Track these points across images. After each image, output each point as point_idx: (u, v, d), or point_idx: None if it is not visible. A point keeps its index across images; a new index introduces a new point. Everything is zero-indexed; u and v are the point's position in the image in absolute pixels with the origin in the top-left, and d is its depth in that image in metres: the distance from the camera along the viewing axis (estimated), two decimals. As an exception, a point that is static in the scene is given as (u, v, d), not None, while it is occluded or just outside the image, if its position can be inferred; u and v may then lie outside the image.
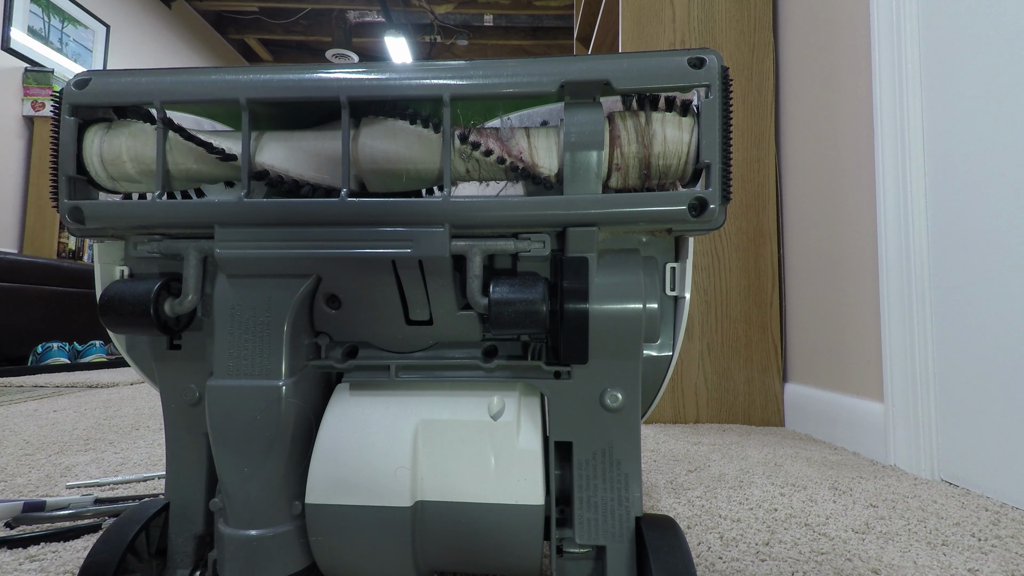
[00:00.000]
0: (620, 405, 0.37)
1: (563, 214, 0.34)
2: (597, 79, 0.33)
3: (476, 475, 0.38)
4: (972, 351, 0.84)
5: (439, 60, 0.33)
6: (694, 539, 0.60)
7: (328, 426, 0.39)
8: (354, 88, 0.33)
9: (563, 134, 0.34)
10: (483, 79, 0.33)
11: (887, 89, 0.99)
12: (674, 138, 0.34)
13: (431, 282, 0.36)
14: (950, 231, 0.89)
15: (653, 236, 0.38)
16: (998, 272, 0.79)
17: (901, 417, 0.95)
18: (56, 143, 0.36)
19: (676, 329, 0.39)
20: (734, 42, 1.41)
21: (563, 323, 0.35)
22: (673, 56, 0.33)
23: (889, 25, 0.99)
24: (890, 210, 0.98)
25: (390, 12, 3.65)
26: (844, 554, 0.57)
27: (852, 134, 1.12)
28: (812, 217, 1.27)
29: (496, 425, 0.38)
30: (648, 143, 0.34)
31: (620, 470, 0.38)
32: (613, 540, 0.38)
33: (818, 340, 1.25)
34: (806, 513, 0.69)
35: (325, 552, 0.39)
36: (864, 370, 1.08)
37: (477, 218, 0.34)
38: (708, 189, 0.34)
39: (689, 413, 1.37)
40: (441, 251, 0.33)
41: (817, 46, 1.26)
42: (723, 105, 0.33)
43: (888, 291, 0.99)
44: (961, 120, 0.87)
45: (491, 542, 0.38)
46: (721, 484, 0.82)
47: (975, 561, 0.56)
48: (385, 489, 0.37)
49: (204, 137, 0.37)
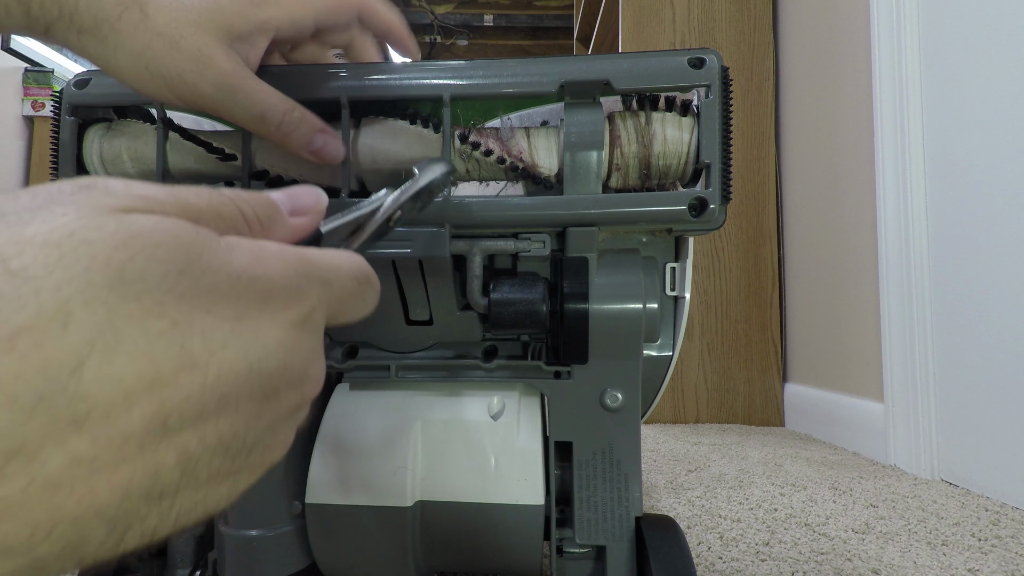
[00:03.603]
0: (620, 405, 0.37)
1: (563, 214, 0.34)
2: (597, 79, 0.33)
3: (476, 475, 0.38)
4: (972, 351, 0.84)
5: (439, 60, 0.33)
6: (694, 539, 0.60)
7: (328, 426, 0.39)
8: (354, 88, 0.33)
9: (563, 134, 0.34)
10: (483, 79, 0.33)
11: (887, 89, 0.99)
12: (674, 138, 0.34)
13: (431, 282, 0.36)
14: (950, 231, 0.89)
15: (653, 236, 0.38)
16: (998, 272, 0.79)
17: (901, 417, 0.95)
18: (56, 143, 0.36)
19: (676, 329, 0.39)
20: (734, 42, 1.41)
21: (563, 323, 0.35)
22: (673, 56, 0.33)
23: (889, 25, 0.99)
24: (890, 210, 0.98)
25: (390, 12, 3.65)
26: (844, 554, 0.57)
27: (852, 134, 1.12)
28: (812, 217, 1.27)
29: (496, 425, 0.38)
30: (648, 143, 0.34)
31: (620, 470, 0.38)
32: (613, 540, 0.38)
33: (818, 340, 1.25)
34: (806, 513, 0.69)
35: (325, 552, 0.39)
36: (864, 370, 1.08)
37: (477, 218, 0.34)
38: (708, 189, 0.34)
39: (689, 413, 1.37)
40: (441, 251, 0.33)
41: (817, 46, 1.26)
42: (723, 105, 0.33)
43: (888, 291, 0.99)
44: (961, 120, 0.87)
45: (491, 542, 0.38)
46: (721, 484, 0.82)
47: (975, 561, 0.56)
48: (385, 489, 0.37)
49: (204, 137, 0.37)
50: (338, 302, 0.18)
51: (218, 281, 0.14)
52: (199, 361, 0.13)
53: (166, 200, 0.15)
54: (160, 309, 0.13)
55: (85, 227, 0.12)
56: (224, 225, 0.16)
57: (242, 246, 0.15)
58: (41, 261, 0.12)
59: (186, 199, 0.15)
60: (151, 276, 0.13)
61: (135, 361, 0.12)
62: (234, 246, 0.15)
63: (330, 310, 0.18)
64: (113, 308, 0.12)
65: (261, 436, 0.16)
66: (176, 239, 0.13)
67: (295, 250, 0.17)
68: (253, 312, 0.15)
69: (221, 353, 0.14)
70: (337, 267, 0.18)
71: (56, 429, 0.11)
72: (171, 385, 0.13)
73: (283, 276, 0.16)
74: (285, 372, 0.16)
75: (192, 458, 0.14)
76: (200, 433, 0.14)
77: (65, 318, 0.11)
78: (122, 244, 0.12)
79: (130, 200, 0.14)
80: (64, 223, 0.12)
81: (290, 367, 0.16)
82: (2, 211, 0.12)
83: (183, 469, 0.14)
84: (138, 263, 0.13)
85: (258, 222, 0.17)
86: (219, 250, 0.14)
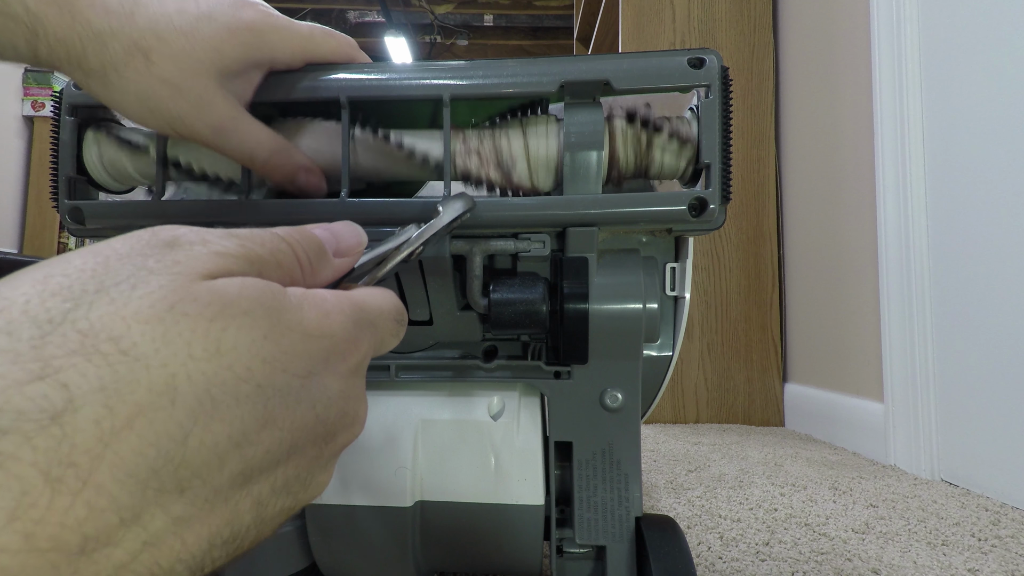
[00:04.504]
0: (620, 405, 0.37)
1: (563, 214, 0.34)
2: (597, 79, 0.33)
3: (476, 475, 0.38)
4: (972, 351, 0.84)
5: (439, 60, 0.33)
6: (694, 539, 0.60)
7: (328, 426, 0.39)
8: (354, 88, 0.33)
9: (563, 134, 0.34)
10: (483, 79, 0.33)
11: (887, 89, 0.99)
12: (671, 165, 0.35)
13: (431, 282, 0.36)
14: (950, 231, 0.89)
15: (653, 236, 0.38)
16: (998, 272, 0.79)
17: (901, 417, 0.95)
18: (56, 143, 0.36)
19: (676, 329, 0.39)
20: (734, 42, 1.41)
21: (563, 323, 0.35)
22: (673, 56, 0.33)
23: (889, 25, 0.99)
24: (890, 210, 0.98)
25: (390, 12, 3.65)
26: (844, 554, 0.57)
27: (852, 134, 1.12)
28: (812, 217, 1.27)
29: (496, 425, 0.38)
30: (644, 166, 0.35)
31: (620, 470, 0.38)
32: (613, 540, 0.38)
33: (818, 340, 1.25)
34: (806, 513, 0.69)
35: (325, 552, 0.39)
36: (864, 370, 1.08)
37: (477, 218, 0.34)
38: (708, 189, 0.34)
39: (689, 413, 1.37)
40: (441, 251, 0.33)
41: (817, 46, 1.26)
42: (723, 105, 0.33)
43: (888, 291, 0.99)
44: (961, 120, 0.87)
45: (491, 542, 0.38)
46: (721, 484, 0.82)
47: (975, 561, 0.56)
48: (385, 489, 0.37)
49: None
50: (381, 342, 0.20)
51: (294, 343, 0.15)
52: (277, 418, 0.14)
53: (238, 254, 0.15)
54: (248, 374, 0.14)
55: (182, 300, 0.13)
56: (283, 272, 0.17)
57: (309, 302, 0.16)
58: (148, 338, 0.12)
59: (252, 250, 0.16)
60: (242, 345, 0.14)
61: (228, 425, 0.13)
62: (303, 303, 0.16)
63: (375, 351, 0.19)
64: (211, 378, 0.13)
65: (316, 473, 0.17)
66: (261, 306, 0.15)
67: (350, 299, 0.18)
68: (320, 367, 0.16)
69: (294, 408, 0.15)
70: (382, 310, 0.19)
71: (162, 495, 0.12)
72: (254, 443, 0.14)
73: (344, 330, 0.17)
74: (343, 417, 0.17)
75: (263, 503, 0.15)
76: (271, 480, 0.15)
77: (172, 394, 0.12)
78: (217, 316, 0.13)
79: (211, 261, 0.15)
80: (162, 297, 0.13)
81: (346, 412, 0.17)
82: (102, 284, 0.13)
83: (255, 514, 0.15)
84: (231, 334, 0.14)
85: (309, 265, 0.18)
86: (292, 308, 0.15)
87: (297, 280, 0.18)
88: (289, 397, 0.15)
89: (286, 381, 0.15)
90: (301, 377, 0.15)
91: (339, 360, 0.17)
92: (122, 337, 0.12)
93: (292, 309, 0.15)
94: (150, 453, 0.12)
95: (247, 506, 0.14)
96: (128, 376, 0.12)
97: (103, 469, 0.11)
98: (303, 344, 0.15)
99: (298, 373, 0.15)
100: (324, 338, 0.16)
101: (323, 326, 0.16)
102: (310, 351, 0.15)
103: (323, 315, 0.16)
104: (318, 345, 0.16)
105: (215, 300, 0.14)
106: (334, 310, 0.17)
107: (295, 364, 0.15)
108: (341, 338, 0.17)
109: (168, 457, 0.12)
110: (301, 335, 0.15)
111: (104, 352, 0.12)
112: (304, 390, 0.15)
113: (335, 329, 0.16)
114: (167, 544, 0.12)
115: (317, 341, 0.16)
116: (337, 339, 0.17)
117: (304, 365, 0.15)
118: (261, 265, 0.16)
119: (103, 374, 0.12)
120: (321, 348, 0.16)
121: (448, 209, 0.27)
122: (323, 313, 0.16)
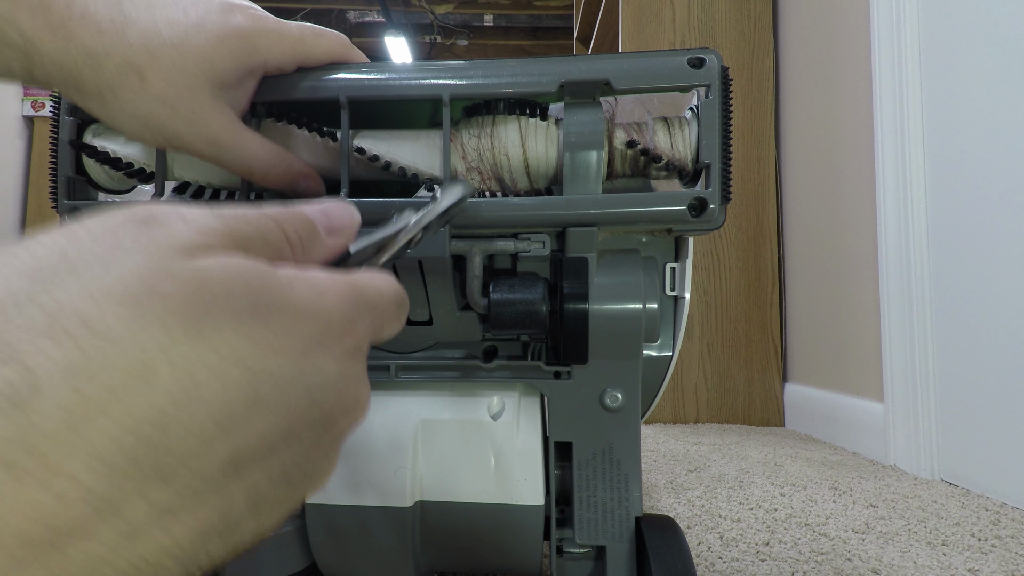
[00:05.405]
0: (620, 405, 0.37)
1: (563, 214, 0.34)
2: (597, 79, 0.33)
3: (476, 475, 0.38)
4: (972, 351, 0.84)
5: (439, 60, 0.33)
6: (694, 539, 0.60)
7: (328, 426, 0.39)
8: (354, 88, 0.33)
9: (562, 134, 0.34)
10: (483, 79, 0.33)
11: (887, 89, 0.99)
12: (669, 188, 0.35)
13: (431, 282, 0.36)
14: (950, 231, 0.89)
15: (653, 236, 0.38)
16: (998, 272, 0.79)
17: (901, 417, 0.95)
18: (56, 143, 0.36)
19: (676, 329, 0.39)
20: (734, 42, 1.41)
21: (563, 323, 0.35)
22: (673, 56, 0.33)
23: (889, 25, 0.99)
24: (890, 210, 0.98)
25: (390, 12, 3.64)
26: (844, 554, 0.57)
27: (852, 134, 1.12)
28: (812, 217, 1.27)
29: (496, 425, 0.38)
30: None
31: (620, 470, 0.38)
32: (613, 540, 0.38)
33: (818, 340, 1.25)
34: (806, 513, 0.69)
35: (325, 552, 0.39)
36: (864, 370, 1.08)
37: (477, 218, 0.34)
38: (708, 189, 0.34)
39: (689, 413, 1.37)
40: (441, 251, 0.33)
41: (817, 46, 1.26)
42: (723, 105, 0.33)
43: (888, 291, 0.99)
44: (961, 120, 0.87)
45: (491, 542, 0.38)
46: (721, 484, 0.82)
47: (975, 561, 0.56)
48: (385, 489, 0.37)
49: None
50: (380, 326, 0.19)
51: (284, 322, 0.14)
52: (268, 401, 0.14)
53: (220, 231, 0.15)
54: (233, 355, 0.13)
55: (160, 279, 0.12)
56: (271, 251, 0.16)
57: (300, 281, 0.15)
58: (123, 319, 0.12)
59: (236, 228, 0.15)
60: (226, 325, 0.13)
61: (213, 409, 0.12)
62: (293, 281, 0.15)
63: (374, 335, 0.18)
64: (193, 360, 0.12)
65: (317, 462, 0.16)
66: (245, 283, 0.14)
67: (346, 279, 0.17)
68: (314, 348, 0.15)
69: (287, 391, 0.14)
70: (380, 293, 0.18)
71: (143, 484, 0.12)
72: (243, 428, 0.13)
73: (339, 309, 0.16)
74: (342, 401, 0.16)
75: (259, 493, 0.14)
76: (267, 469, 0.14)
77: (151, 376, 0.12)
78: (196, 294, 0.13)
79: (191, 238, 0.14)
80: (137, 274, 0.12)
81: (346, 395, 0.16)
82: (72, 264, 0.12)
83: (250, 504, 0.14)
84: (213, 314, 0.13)
85: (300, 244, 0.18)
86: (281, 287, 0.15)
87: (287, 259, 0.17)
88: (280, 379, 0.14)
89: (276, 362, 0.14)
90: (292, 358, 0.14)
91: (334, 341, 0.16)
92: (94, 319, 0.11)
93: (281, 287, 0.15)
94: (127, 440, 0.11)
95: (241, 496, 0.13)
96: (100, 359, 0.11)
97: (74, 457, 0.11)
98: (294, 323, 0.14)
99: (289, 354, 0.14)
100: (317, 317, 0.15)
101: (316, 305, 0.15)
102: (302, 331, 0.15)
103: (316, 294, 0.15)
104: (311, 325, 0.15)
105: (195, 278, 0.13)
106: (328, 289, 0.16)
107: (285, 344, 0.14)
108: (336, 318, 0.16)
109: (148, 443, 0.11)
110: (292, 314, 0.14)
111: (74, 334, 0.11)
112: (297, 372, 0.14)
113: (329, 308, 0.16)
114: (151, 537, 0.12)
115: (310, 320, 0.15)
116: (332, 319, 0.16)
117: (295, 345, 0.14)
118: (246, 243, 0.15)
119: (72, 357, 0.11)
120: (314, 328, 0.15)
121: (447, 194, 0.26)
122: (316, 292, 0.16)
